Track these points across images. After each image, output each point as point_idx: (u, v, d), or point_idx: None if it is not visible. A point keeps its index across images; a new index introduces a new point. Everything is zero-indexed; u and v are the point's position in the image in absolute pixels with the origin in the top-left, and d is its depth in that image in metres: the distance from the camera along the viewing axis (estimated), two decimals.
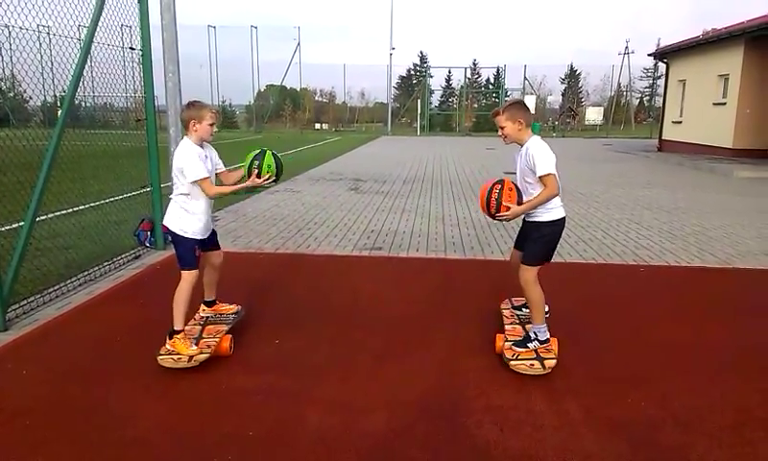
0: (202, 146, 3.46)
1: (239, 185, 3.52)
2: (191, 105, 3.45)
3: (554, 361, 3.33)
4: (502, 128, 3.43)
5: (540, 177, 3.29)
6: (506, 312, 3.98)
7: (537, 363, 3.32)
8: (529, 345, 3.44)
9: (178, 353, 3.33)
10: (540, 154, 3.30)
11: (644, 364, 3.50)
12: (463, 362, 3.49)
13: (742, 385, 3.24)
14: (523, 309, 3.90)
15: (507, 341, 3.52)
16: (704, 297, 4.88)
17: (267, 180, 3.44)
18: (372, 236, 6.90)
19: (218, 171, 3.60)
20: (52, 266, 5.00)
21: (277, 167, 3.47)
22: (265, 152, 3.48)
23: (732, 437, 2.72)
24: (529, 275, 3.42)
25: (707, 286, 5.23)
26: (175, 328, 3.40)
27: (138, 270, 5.34)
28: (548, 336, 3.49)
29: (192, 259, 3.49)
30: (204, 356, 3.33)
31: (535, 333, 3.47)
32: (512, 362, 3.33)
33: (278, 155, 3.54)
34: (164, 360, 3.30)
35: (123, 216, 6.11)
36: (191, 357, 3.31)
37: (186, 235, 3.45)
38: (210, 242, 3.70)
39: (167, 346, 3.39)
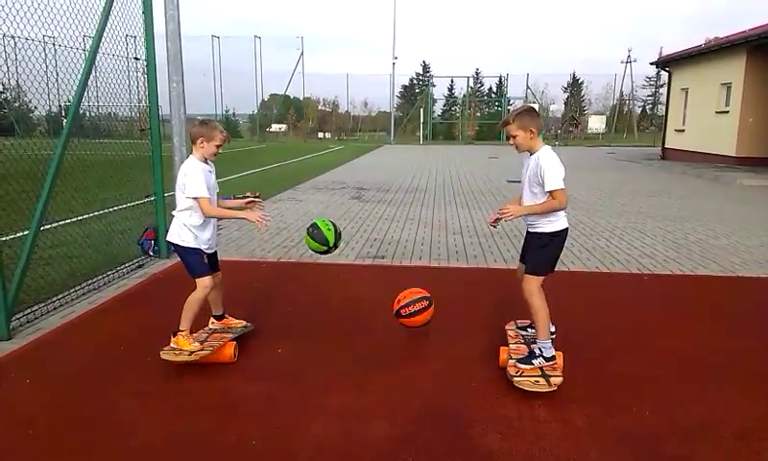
0: (206, 162, 3.51)
1: (238, 214, 3.60)
2: (203, 123, 3.50)
3: (560, 379, 3.22)
4: (513, 137, 3.31)
5: (548, 192, 3.20)
6: (510, 332, 3.84)
7: (542, 380, 3.20)
8: (534, 361, 3.31)
9: (180, 349, 3.41)
10: (550, 168, 3.18)
11: (648, 373, 3.48)
12: (466, 371, 3.48)
13: (747, 395, 3.22)
14: (528, 329, 3.78)
15: (511, 358, 3.40)
16: (708, 306, 4.86)
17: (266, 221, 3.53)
18: (375, 245, 6.91)
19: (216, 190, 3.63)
20: (56, 275, 5.01)
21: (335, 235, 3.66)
22: (316, 224, 3.66)
23: (737, 447, 2.71)
24: (532, 285, 3.34)
25: (711, 295, 5.21)
26: (180, 328, 3.47)
27: (142, 279, 5.35)
28: (553, 354, 3.36)
29: (202, 267, 3.52)
30: (204, 353, 3.40)
31: (540, 350, 3.35)
32: (516, 379, 3.22)
33: (334, 223, 3.73)
34: (166, 353, 3.41)
35: (127, 225, 6.13)
36: (192, 352, 3.39)
37: (190, 246, 3.48)
38: (212, 263, 3.72)
39: (171, 343, 3.47)
